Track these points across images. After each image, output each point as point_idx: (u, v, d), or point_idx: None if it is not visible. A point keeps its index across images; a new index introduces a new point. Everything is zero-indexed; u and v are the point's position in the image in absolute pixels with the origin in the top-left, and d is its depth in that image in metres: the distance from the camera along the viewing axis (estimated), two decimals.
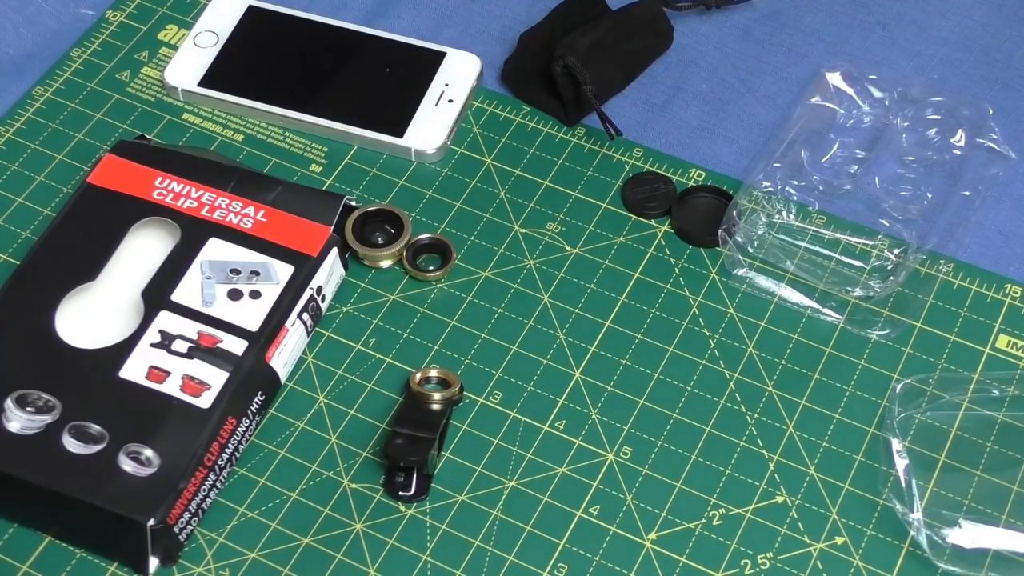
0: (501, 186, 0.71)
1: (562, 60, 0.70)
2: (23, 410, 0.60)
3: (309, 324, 0.65)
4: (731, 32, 0.78)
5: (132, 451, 0.59)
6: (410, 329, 0.66)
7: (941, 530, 0.59)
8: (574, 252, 0.69)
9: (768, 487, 0.61)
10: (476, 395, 0.64)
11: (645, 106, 0.74)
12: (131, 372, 0.61)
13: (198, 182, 0.67)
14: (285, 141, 0.73)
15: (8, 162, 0.72)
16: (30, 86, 0.75)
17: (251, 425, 0.62)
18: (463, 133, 0.73)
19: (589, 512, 0.61)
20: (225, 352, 0.62)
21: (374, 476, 0.62)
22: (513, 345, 0.65)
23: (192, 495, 0.58)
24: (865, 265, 0.67)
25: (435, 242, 0.68)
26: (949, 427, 0.63)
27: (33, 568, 0.59)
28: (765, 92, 0.75)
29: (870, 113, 0.73)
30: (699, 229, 0.69)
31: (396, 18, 0.78)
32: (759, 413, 0.63)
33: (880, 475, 0.61)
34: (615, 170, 0.72)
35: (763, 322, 0.66)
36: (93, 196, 0.67)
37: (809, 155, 0.70)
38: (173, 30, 0.77)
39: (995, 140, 0.72)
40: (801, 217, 0.69)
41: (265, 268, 0.64)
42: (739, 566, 0.59)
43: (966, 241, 0.69)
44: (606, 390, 0.64)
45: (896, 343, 0.65)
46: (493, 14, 0.78)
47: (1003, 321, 0.66)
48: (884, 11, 0.78)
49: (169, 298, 0.63)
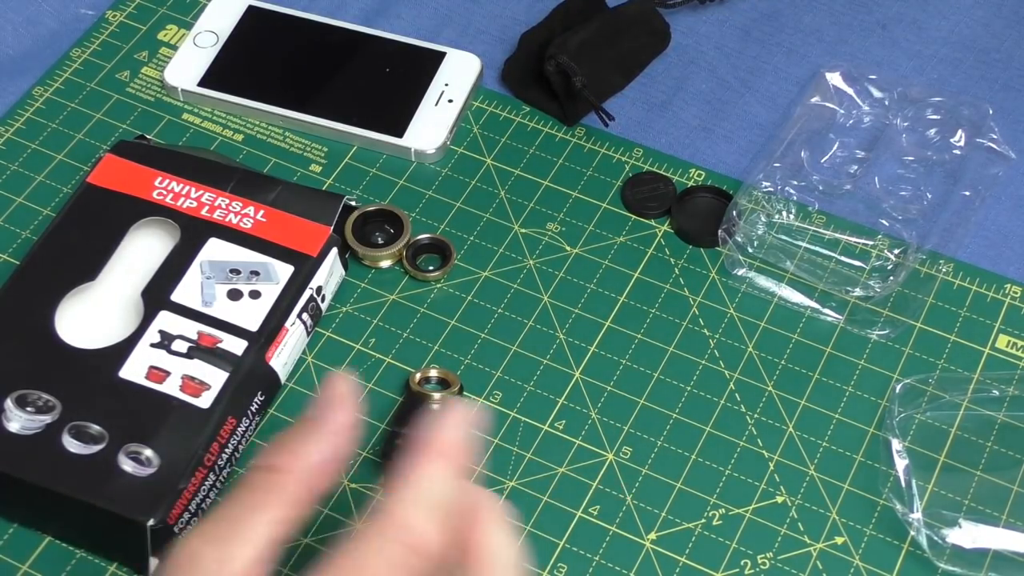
0: (501, 186, 0.71)
1: (553, 60, 0.70)
2: (23, 410, 0.60)
3: (309, 324, 0.65)
4: (731, 32, 0.78)
5: (132, 451, 0.59)
6: (410, 329, 0.66)
7: (941, 530, 0.59)
8: (574, 252, 0.69)
9: (768, 487, 0.61)
10: (476, 395, 0.64)
11: (645, 106, 0.74)
12: (131, 372, 0.61)
13: (198, 182, 0.67)
14: (285, 141, 0.73)
15: (8, 162, 0.72)
16: (30, 86, 0.75)
17: (251, 425, 0.62)
18: (463, 133, 0.73)
19: (589, 512, 0.61)
20: (225, 352, 0.62)
21: (374, 476, 0.62)
22: (513, 345, 0.66)
23: (192, 495, 0.58)
24: (865, 265, 0.67)
25: (435, 242, 0.68)
26: (949, 427, 0.63)
27: (33, 568, 0.59)
28: (765, 92, 0.75)
29: (870, 113, 0.73)
30: (699, 229, 0.69)
31: (396, 18, 0.78)
32: (759, 413, 0.63)
33: (880, 475, 0.61)
34: (615, 170, 0.72)
35: (763, 322, 0.66)
36: (93, 196, 0.67)
37: (809, 155, 0.70)
38: (173, 30, 0.77)
39: (995, 140, 0.72)
40: (801, 217, 0.69)
41: (265, 268, 0.64)
42: (739, 566, 0.59)
43: (966, 241, 0.69)
44: (606, 390, 0.64)
45: (896, 343, 0.65)
46: (493, 14, 0.78)
47: (1003, 321, 0.66)
48: (884, 11, 0.78)
49: (169, 298, 0.63)
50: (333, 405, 0.48)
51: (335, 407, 0.48)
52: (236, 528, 0.45)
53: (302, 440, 0.48)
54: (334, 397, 0.48)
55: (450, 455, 0.47)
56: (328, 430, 0.48)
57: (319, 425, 0.48)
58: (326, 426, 0.48)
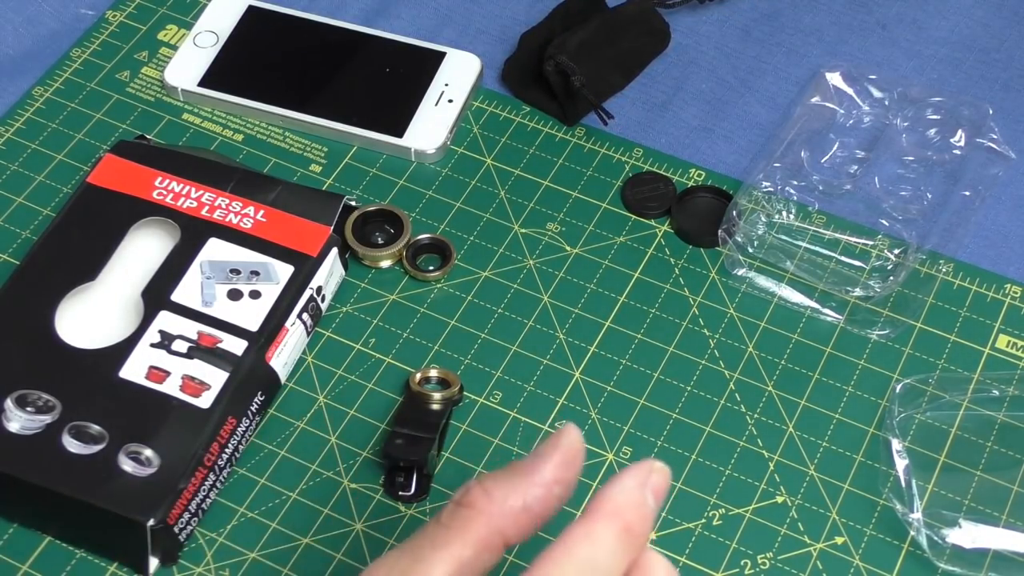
0: (501, 186, 0.71)
1: (552, 60, 0.70)
2: (23, 410, 0.60)
3: (309, 324, 0.65)
4: (731, 32, 0.78)
5: (132, 451, 0.59)
6: (410, 329, 0.66)
7: (941, 530, 0.59)
8: (574, 252, 0.69)
9: (768, 487, 0.61)
10: (476, 395, 0.64)
11: (645, 106, 0.74)
12: (131, 372, 0.61)
13: (198, 182, 0.67)
14: (285, 141, 0.73)
15: (8, 162, 0.72)
16: (30, 86, 0.75)
17: (251, 425, 0.62)
18: (463, 133, 0.73)
19: None
20: (225, 352, 0.62)
21: (374, 476, 0.62)
22: (513, 345, 0.66)
23: (192, 495, 0.58)
24: (865, 265, 0.67)
25: (435, 242, 0.68)
26: (949, 427, 0.63)
27: (33, 568, 0.59)
28: (765, 92, 0.75)
29: (870, 113, 0.73)
30: (699, 229, 0.69)
31: (396, 18, 0.78)
32: (759, 413, 0.63)
33: (880, 475, 0.61)
34: (615, 170, 0.72)
35: (763, 322, 0.66)
36: (93, 196, 0.67)
37: (809, 155, 0.70)
38: (173, 30, 0.77)
39: (995, 140, 0.72)
40: (801, 217, 0.69)
41: (265, 268, 0.64)
42: (739, 566, 0.59)
43: (966, 241, 0.69)
44: (606, 390, 0.64)
45: (896, 343, 0.65)
46: (493, 14, 0.78)
47: (1003, 321, 0.66)
48: (884, 11, 0.78)
49: (169, 298, 0.63)
50: (557, 457, 0.44)
51: (559, 460, 0.44)
52: (416, 563, 0.43)
53: (508, 482, 0.44)
54: (562, 448, 0.44)
55: (622, 517, 0.43)
56: (540, 480, 0.44)
57: (534, 472, 0.44)
58: (540, 475, 0.44)
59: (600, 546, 0.42)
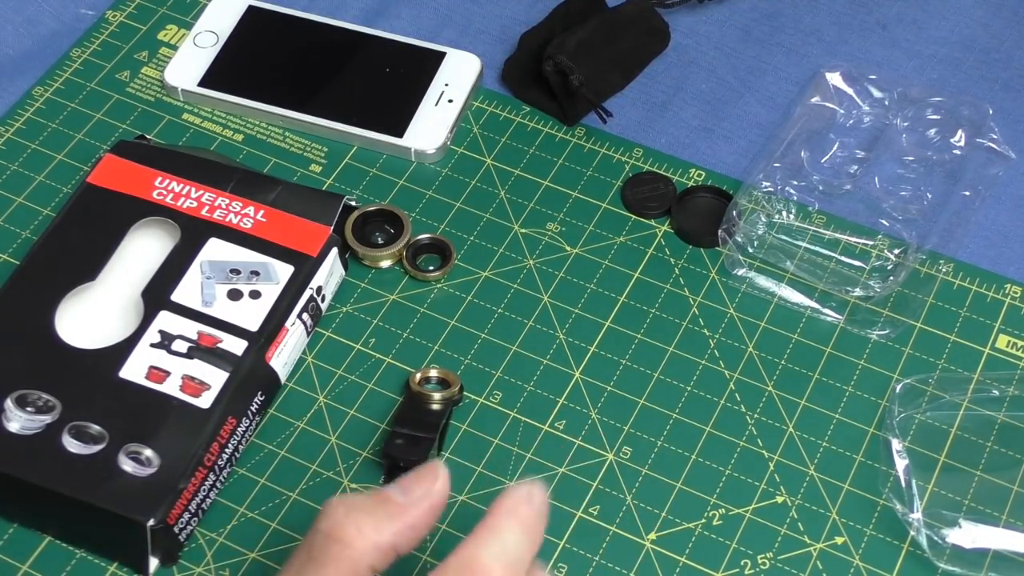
0: (501, 186, 0.71)
1: (551, 60, 0.70)
2: (23, 410, 0.60)
3: (309, 324, 0.65)
4: (731, 32, 0.78)
5: (132, 451, 0.59)
6: (410, 329, 0.66)
7: (941, 530, 0.59)
8: (574, 252, 0.69)
9: (768, 487, 0.61)
10: (476, 395, 0.64)
11: (645, 106, 0.74)
12: (131, 372, 0.61)
13: (198, 182, 0.67)
14: (285, 141, 0.73)
15: (8, 162, 0.72)
16: (30, 86, 0.75)
17: (251, 425, 0.62)
18: (463, 133, 0.73)
19: (589, 512, 0.61)
20: (225, 352, 0.62)
21: (374, 476, 0.62)
22: (513, 345, 0.66)
23: (192, 495, 0.58)
24: (865, 265, 0.67)
25: (435, 242, 0.68)
26: (949, 427, 0.63)
27: (33, 568, 0.59)
28: (765, 92, 0.75)
29: (870, 113, 0.73)
30: (699, 229, 0.69)
31: (396, 18, 0.78)
32: (759, 413, 0.63)
33: (880, 475, 0.61)
34: (615, 170, 0.72)
35: (763, 322, 0.66)
36: (93, 196, 0.67)
37: (809, 155, 0.71)
38: (173, 30, 0.77)
39: (995, 140, 0.72)
40: (801, 217, 0.69)
41: (265, 268, 0.64)
42: (739, 566, 0.59)
43: (966, 241, 0.69)
44: (606, 390, 0.64)
45: (896, 343, 0.65)
46: (493, 14, 0.78)
47: (1003, 321, 0.66)
48: (884, 11, 0.78)
49: (169, 298, 0.63)
50: (426, 504, 0.46)
51: (429, 506, 0.46)
52: None
53: (380, 519, 0.46)
54: (434, 496, 0.46)
55: (526, 518, 0.46)
56: (412, 522, 0.46)
57: (404, 514, 0.46)
58: (412, 517, 0.46)
59: (508, 535, 0.45)
